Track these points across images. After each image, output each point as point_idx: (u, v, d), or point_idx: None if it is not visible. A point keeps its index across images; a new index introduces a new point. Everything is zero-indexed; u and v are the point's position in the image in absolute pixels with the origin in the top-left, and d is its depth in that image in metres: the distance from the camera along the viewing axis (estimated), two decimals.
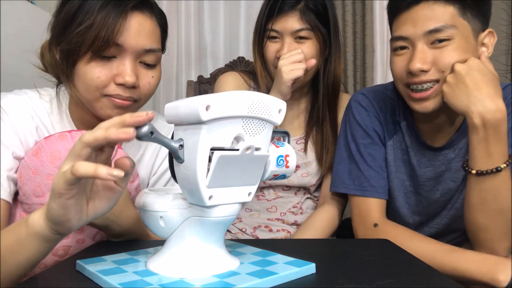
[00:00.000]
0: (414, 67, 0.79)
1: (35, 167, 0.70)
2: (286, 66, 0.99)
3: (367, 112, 0.97)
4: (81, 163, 0.44)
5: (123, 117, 0.45)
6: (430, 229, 0.98)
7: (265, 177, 0.55)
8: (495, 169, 0.74)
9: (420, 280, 0.52)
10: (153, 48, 0.77)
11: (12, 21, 1.31)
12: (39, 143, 0.73)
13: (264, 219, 1.14)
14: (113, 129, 0.44)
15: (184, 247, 0.52)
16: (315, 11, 1.03)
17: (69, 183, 0.44)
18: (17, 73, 1.12)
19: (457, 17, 0.78)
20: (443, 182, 0.92)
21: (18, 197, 0.73)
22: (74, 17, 0.72)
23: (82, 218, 0.49)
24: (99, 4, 0.71)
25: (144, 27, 0.75)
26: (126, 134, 0.44)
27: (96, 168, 0.43)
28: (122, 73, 0.73)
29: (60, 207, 0.46)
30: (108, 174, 0.43)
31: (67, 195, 0.45)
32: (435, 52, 0.79)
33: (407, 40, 0.81)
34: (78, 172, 0.43)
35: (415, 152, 0.94)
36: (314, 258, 0.57)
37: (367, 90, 1.02)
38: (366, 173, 0.94)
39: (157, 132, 0.46)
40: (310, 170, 1.13)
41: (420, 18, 0.79)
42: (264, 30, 1.08)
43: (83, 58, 0.72)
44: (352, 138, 0.98)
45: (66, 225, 0.48)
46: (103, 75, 0.73)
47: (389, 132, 0.96)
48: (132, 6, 0.73)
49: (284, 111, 0.53)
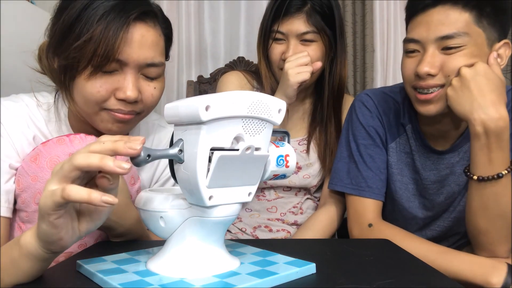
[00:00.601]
0: (422, 71, 0.79)
1: (34, 173, 0.68)
2: (293, 69, 0.99)
3: (370, 113, 0.97)
4: (72, 188, 0.42)
5: (117, 146, 0.43)
6: (432, 232, 0.97)
7: (265, 177, 0.55)
8: (496, 176, 0.74)
9: (420, 280, 0.52)
10: (156, 62, 0.73)
11: (12, 21, 1.31)
12: (37, 148, 0.71)
13: (264, 219, 1.14)
14: (110, 161, 0.42)
15: (184, 247, 0.52)
16: (321, 13, 1.03)
17: (58, 205, 0.43)
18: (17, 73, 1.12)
19: (471, 25, 0.77)
20: (447, 185, 0.92)
21: (16, 206, 0.71)
22: (72, 28, 0.68)
23: (74, 235, 0.47)
24: (98, 14, 0.67)
25: (147, 39, 0.71)
26: (122, 171, 0.42)
27: (90, 194, 0.42)
28: (123, 88, 0.70)
29: (50, 227, 0.45)
30: (102, 201, 0.42)
31: (55, 215, 0.44)
32: (444, 58, 0.79)
33: (419, 43, 0.81)
34: (70, 197, 0.42)
35: (419, 155, 0.94)
36: (314, 258, 0.57)
37: (372, 91, 1.02)
38: (364, 173, 0.94)
39: (153, 152, 0.46)
40: (311, 172, 1.13)
41: (434, 22, 0.78)
42: (270, 31, 1.07)
43: (82, 74, 0.68)
44: (353, 138, 0.98)
45: (59, 243, 0.47)
46: (103, 90, 0.70)
47: (392, 135, 0.96)
48: (134, 17, 0.69)
49: (284, 111, 0.53)
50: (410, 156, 0.95)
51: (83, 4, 0.68)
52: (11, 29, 1.29)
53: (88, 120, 0.75)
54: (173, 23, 0.83)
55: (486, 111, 0.73)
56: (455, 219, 0.94)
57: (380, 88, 1.05)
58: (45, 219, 0.44)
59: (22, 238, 0.49)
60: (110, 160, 0.42)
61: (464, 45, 0.77)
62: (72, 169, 0.43)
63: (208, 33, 1.83)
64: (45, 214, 0.44)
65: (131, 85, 0.70)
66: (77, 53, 0.67)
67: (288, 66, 1.00)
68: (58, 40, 0.69)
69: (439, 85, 0.81)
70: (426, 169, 0.93)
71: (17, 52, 0.78)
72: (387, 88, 1.02)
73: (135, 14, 0.69)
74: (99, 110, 0.72)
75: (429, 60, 0.79)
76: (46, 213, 0.44)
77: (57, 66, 0.71)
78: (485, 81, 0.75)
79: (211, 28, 1.83)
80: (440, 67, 0.79)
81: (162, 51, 0.76)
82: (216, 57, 1.83)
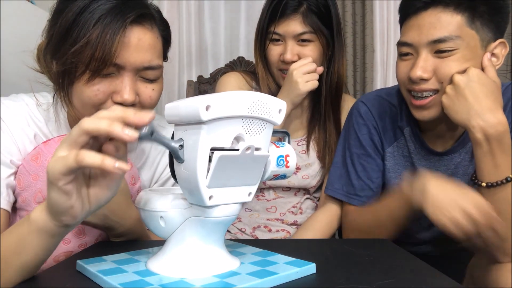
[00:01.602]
0: (415, 75, 0.79)
1: (35, 172, 0.68)
2: (302, 78, 1.00)
3: (364, 121, 0.98)
4: (86, 152, 0.42)
5: (126, 114, 0.44)
6: (438, 232, 0.96)
7: (265, 177, 0.55)
8: (504, 180, 0.73)
9: (420, 280, 0.52)
10: (153, 65, 0.72)
11: (12, 21, 1.31)
12: (38, 147, 0.71)
13: (263, 219, 1.14)
14: (118, 126, 0.42)
15: (184, 247, 0.52)
16: (318, 13, 1.02)
17: (70, 170, 0.43)
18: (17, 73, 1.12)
19: (464, 27, 0.77)
20: None
21: (16, 205, 0.71)
22: (68, 32, 0.67)
23: (85, 205, 0.47)
24: (95, 18, 0.66)
25: (144, 42, 0.70)
26: (129, 137, 0.42)
27: (103, 160, 0.42)
28: (120, 91, 0.70)
29: (60, 193, 0.44)
30: (115, 167, 0.42)
31: (64, 180, 0.44)
32: (437, 62, 0.79)
33: (411, 47, 0.81)
34: (83, 161, 0.42)
35: (419, 158, 0.93)
36: (315, 258, 0.57)
37: (367, 97, 1.02)
38: (353, 181, 0.97)
39: (157, 132, 0.46)
40: (311, 172, 1.13)
41: (426, 26, 0.78)
42: (266, 33, 1.07)
43: (81, 79, 0.68)
44: (348, 146, 1.01)
45: (70, 212, 0.46)
46: (100, 93, 0.69)
47: (388, 139, 0.97)
48: (131, 20, 0.68)
49: (284, 111, 0.53)
50: (409, 159, 0.95)
51: (80, 8, 0.67)
52: (11, 29, 1.29)
53: None
54: (173, 23, 0.83)
55: (484, 118, 0.73)
56: None
57: (376, 91, 1.05)
58: (54, 185, 0.44)
59: (32, 214, 0.49)
60: (118, 126, 0.43)
61: (457, 49, 0.77)
62: (81, 133, 0.43)
63: (208, 33, 1.83)
64: (54, 179, 0.43)
65: (128, 88, 0.70)
66: (74, 58, 0.66)
67: (296, 75, 1.00)
68: (55, 44, 0.69)
69: (433, 90, 0.80)
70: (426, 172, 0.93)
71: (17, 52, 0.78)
72: (384, 91, 1.02)
73: (132, 17, 0.68)
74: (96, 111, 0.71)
75: (422, 65, 0.79)
76: (55, 178, 0.43)
77: (55, 70, 0.71)
78: (480, 87, 0.74)
79: (211, 28, 1.83)
80: (433, 71, 0.79)
81: (160, 53, 0.76)
82: (216, 57, 1.83)
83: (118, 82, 0.70)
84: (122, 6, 0.68)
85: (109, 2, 0.67)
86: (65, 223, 0.48)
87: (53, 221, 0.48)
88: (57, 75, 0.70)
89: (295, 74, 1.00)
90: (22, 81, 0.79)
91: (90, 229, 0.72)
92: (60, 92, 0.71)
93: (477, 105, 0.74)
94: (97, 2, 0.67)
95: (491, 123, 0.72)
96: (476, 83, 0.75)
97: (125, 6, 0.68)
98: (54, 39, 0.69)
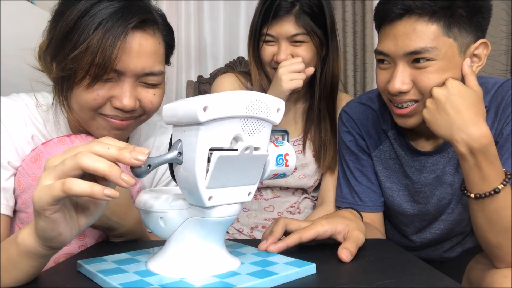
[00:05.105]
0: (394, 89, 0.78)
1: (35, 174, 0.68)
2: (286, 75, 1.00)
3: (347, 128, 1.00)
4: (73, 181, 0.41)
5: (123, 156, 0.43)
6: (432, 234, 0.95)
7: (264, 177, 0.55)
8: (493, 191, 0.72)
9: (420, 280, 0.52)
10: (154, 71, 0.71)
11: (12, 21, 1.31)
12: (37, 149, 0.70)
13: (261, 219, 1.14)
14: (117, 172, 0.42)
15: (184, 247, 0.52)
16: (311, 14, 1.02)
17: (56, 199, 0.42)
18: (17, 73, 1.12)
19: (440, 37, 0.75)
20: (440, 187, 0.91)
21: (16, 207, 0.71)
22: (68, 36, 0.66)
23: (74, 228, 0.46)
24: (96, 22, 0.65)
25: (145, 48, 0.69)
26: (126, 184, 0.42)
27: (92, 187, 0.41)
28: (120, 97, 0.68)
29: (47, 222, 0.43)
30: (104, 194, 0.41)
31: (51, 210, 0.42)
32: (415, 73, 0.77)
33: (388, 57, 0.80)
34: (71, 191, 0.41)
35: (406, 159, 0.93)
36: (315, 258, 0.57)
37: (348, 104, 1.03)
38: (356, 188, 0.98)
39: (153, 161, 0.46)
40: (307, 172, 1.13)
41: (401, 36, 0.76)
42: (260, 34, 1.07)
43: (80, 84, 0.67)
44: (342, 155, 1.03)
45: (59, 239, 0.45)
46: (100, 98, 0.68)
47: (373, 144, 0.97)
48: (132, 26, 0.66)
49: (282, 110, 0.53)
50: (397, 161, 0.94)
51: (81, 11, 0.66)
52: (11, 29, 1.29)
53: (84, 126, 0.74)
54: (172, 23, 0.82)
55: (467, 131, 0.71)
56: (454, 221, 0.93)
57: (357, 98, 1.05)
58: (42, 215, 0.43)
59: (19, 236, 0.48)
60: (118, 171, 0.42)
61: (434, 60, 0.75)
62: (75, 168, 0.42)
63: (208, 33, 1.83)
64: (40, 209, 0.42)
65: (128, 94, 0.69)
66: (74, 63, 0.65)
67: (282, 72, 1.00)
68: (55, 48, 0.68)
69: (413, 100, 0.79)
70: (415, 173, 0.92)
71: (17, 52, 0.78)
72: (364, 97, 1.02)
73: (134, 23, 0.66)
74: (95, 115, 0.71)
75: (400, 78, 0.77)
76: (41, 209, 0.42)
77: (54, 75, 0.70)
78: (460, 100, 0.73)
79: (210, 28, 1.83)
80: (412, 82, 0.78)
81: (162, 59, 0.74)
82: (216, 57, 1.83)
83: (118, 87, 0.69)
84: (124, 10, 0.67)
85: (111, 6, 0.66)
86: (53, 247, 0.47)
87: (42, 245, 0.47)
88: (56, 80, 0.70)
89: (281, 72, 1.00)
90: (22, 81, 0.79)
91: (91, 230, 0.72)
92: (59, 96, 0.71)
93: (459, 119, 0.72)
94: (98, 5, 0.66)
95: (475, 136, 0.70)
96: (457, 96, 0.73)
97: (127, 10, 0.67)
98: (54, 42, 0.68)
